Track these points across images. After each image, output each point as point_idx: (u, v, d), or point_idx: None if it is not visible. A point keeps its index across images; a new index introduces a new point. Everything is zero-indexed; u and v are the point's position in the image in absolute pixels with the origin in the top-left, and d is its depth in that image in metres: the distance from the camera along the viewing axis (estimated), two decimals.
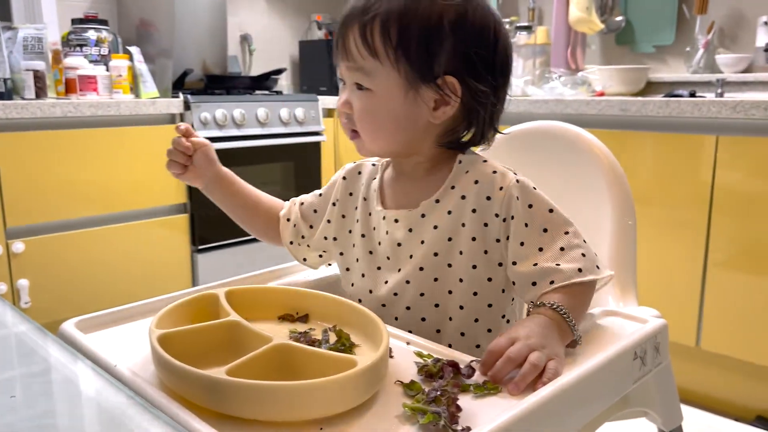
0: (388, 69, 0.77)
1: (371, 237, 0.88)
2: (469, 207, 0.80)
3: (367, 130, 0.81)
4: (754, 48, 2.25)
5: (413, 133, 0.81)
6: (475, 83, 0.78)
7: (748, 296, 1.70)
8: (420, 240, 0.82)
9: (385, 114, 0.79)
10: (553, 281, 0.74)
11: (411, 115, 0.79)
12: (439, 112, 0.79)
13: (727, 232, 1.72)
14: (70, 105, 1.98)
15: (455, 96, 0.78)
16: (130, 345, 0.72)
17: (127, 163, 2.12)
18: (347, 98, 0.81)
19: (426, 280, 0.82)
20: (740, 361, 1.75)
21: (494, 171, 0.80)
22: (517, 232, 0.77)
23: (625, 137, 1.88)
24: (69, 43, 2.29)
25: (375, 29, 0.76)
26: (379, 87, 0.78)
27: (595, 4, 2.49)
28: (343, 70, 0.81)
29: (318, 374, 0.58)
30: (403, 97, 0.78)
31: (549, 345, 0.67)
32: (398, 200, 0.86)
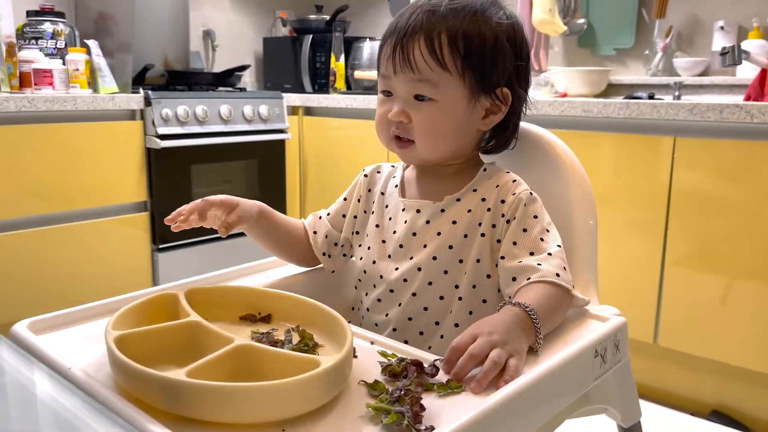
0: (455, 79, 0.82)
1: (385, 227, 0.93)
2: (486, 207, 0.86)
3: (428, 139, 0.85)
4: (710, 52, 2.31)
5: (466, 139, 0.88)
6: (521, 92, 0.87)
7: (703, 294, 1.74)
8: (437, 231, 0.87)
9: (447, 123, 0.84)
10: (530, 277, 0.79)
11: (468, 122, 0.85)
12: (488, 120, 0.87)
13: (684, 231, 1.76)
14: (24, 99, 1.92)
15: (505, 105, 0.86)
16: (85, 347, 0.70)
17: (85, 159, 2.07)
18: (402, 108, 0.84)
19: (437, 271, 0.86)
20: (696, 357, 1.80)
21: (514, 180, 0.87)
22: (514, 233, 0.83)
23: (586, 138, 1.91)
24: (24, 36, 2.23)
25: (444, 43, 0.81)
26: (444, 97, 0.82)
27: (558, 6, 2.52)
28: (401, 82, 0.84)
29: (281, 375, 0.57)
30: (465, 105, 0.84)
31: (511, 341, 0.68)
32: (421, 191, 0.92)
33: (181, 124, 2.26)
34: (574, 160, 0.96)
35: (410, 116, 0.84)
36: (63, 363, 0.64)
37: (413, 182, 0.94)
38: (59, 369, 0.63)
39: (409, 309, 0.88)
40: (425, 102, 0.83)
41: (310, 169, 2.73)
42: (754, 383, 1.73)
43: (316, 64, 2.87)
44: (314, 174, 2.72)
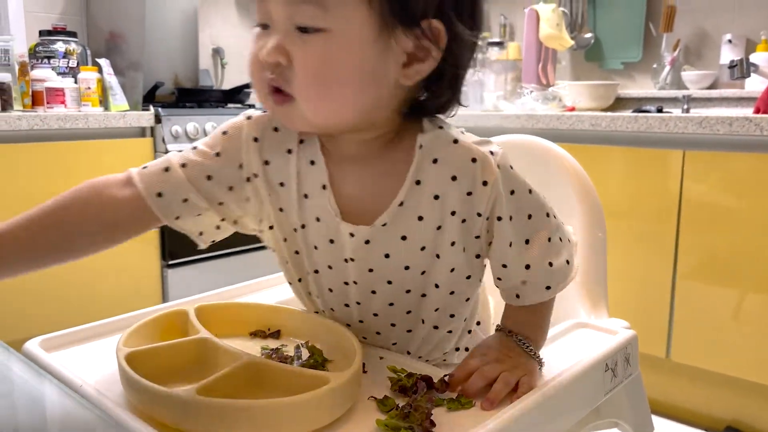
0: (356, 1, 0.56)
1: (313, 230, 0.69)
2: (448, 209, 0.64)
3: (317, 89, 0.58)
4: (718, 65, 2.31)
5: (377, 97, 0.60)
6: (463, 29, 0.60)
7: (716, 307, 1.73)
8: (383, 253, 0.67)
9: (346, 65, 0.57)
10: (549, 286, 0.68)
11: (378, 69, 0.58)
12: (412, 69, 0.60)
13: (695, 244, 1.75)
14: (37, 118, 1.94)
15: (437, 48, 0.59)
16: (96, 364, 0.71)
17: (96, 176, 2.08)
18: (279, 43, 0.57)
19: (396, 293, 0.70)
20: (709, 372, 1.78)
21: (473, 159, 0.63)
22: (504, 230, 0.65)
23: (595, 151, 1.90)
24: (36, 55, 2.26)
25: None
26: (341, 26, 0.56)
27: (565, 21, 2.53)
28: (276, 5, 0.57)
29: (291, 391, 0.57)
30: (373, 42, 0.57)
31: (520, 364, 0.67)
32: (347, 194, 0.66)
33: (190, 141, 2.27)
34: (582, 173, 0.96)
35: (290, 55, 0.57)
36: (75, 380, 0.65)
37: (338, 165, 0.66)
38: (71, 386, 0.64)
39: (373, 325, 0.73)
40: (311, 34, 0.56)
41: None
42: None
43: None
44: None
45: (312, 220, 0.67)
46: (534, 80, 2.54)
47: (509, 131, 1.69)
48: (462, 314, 0.75)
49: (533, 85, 2.51)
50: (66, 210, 0.66)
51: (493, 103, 2.44)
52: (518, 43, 2.65)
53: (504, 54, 2.58)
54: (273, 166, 0.68)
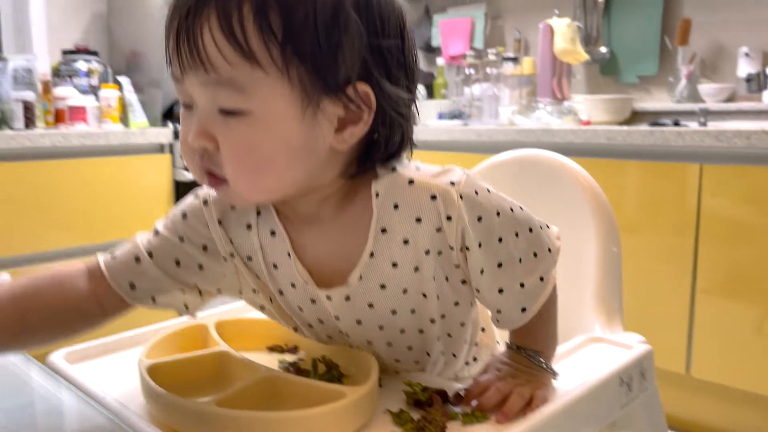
0: (273, 78, 0.53)
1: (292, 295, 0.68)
2: (420, 249, 0.63)
3: (245, 174, 0.56)
4: (735, 78, 2.30)
5: (311, 168, 0.58)
6: (392, 88, 0.58)
7: (737, 323, 1.71)
8: (366, 303, 0.65)
9: (273, 146, 0.55)
10: (525, 308, 0.66)
11: (309, 142, 0.56)
12: (346, 134, 0.58)
13: (714, 259, 1.73)
14: (59, 135, 1.98)
15: (368, 109, 0.57)
16: (118, 376, 0.72)
17: (116, 192, 2.12)
18: (203, 129, 0.55)
19: (390, 334, 0.70)
20: (731, 389, 1.76)
21: (433, 196, 0.61)
22: (475, 259, 0.64)
23: (611, 165, 1.90)
24: (59, 74, 2.31)
25: (247, 19, 0.52)
26: (262, 107, 0.54)
27: (580, 35, 2.54)
28: (194, 87, 0.55)
29: (308, 405, 0.58)
30: (299, 117, 0.55)
31: (534, 379, 0.68)
32: (314, 256, 0.65)
33: None
34: (595, 187, 0.96)
35: (216, 141, 0.55)
36: (97, 392, 0.66)
37: (299, 234, 0.65)
38: (94, 397, 0.65)
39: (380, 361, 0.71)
40: (234, 117, 0.54)
41: None
42: None
43: None
44: None
45: (288, 286, 0.67)
46: (549, 94, 2.54)
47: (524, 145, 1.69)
48: (461, 336, 0.74)
49: (548, 99, 2.52)
50: (29, 301, 0.64)
51: (508, 117, 2.45)
52: (533, 58, 2.66)
53: (518, 69, 2.59)
54: (237, 242, 0.67)
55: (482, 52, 2.75)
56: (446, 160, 0.84)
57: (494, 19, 2.89)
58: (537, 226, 0.67)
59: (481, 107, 2.62)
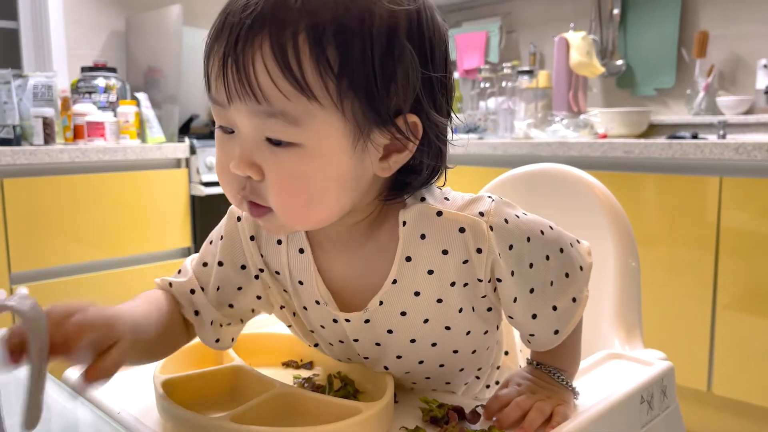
0: (328, 112, 0.51)
1: (316, 312, 0.67)
2: (445, 281, 0.62)
3: (296, 206, 0.54)
4: (754, 90, 2.28)
5: (355, 195, 0.57)
6: (438, 118, 0.57)
7: (759, 339, 1.68)
8: (386, 329, 0.64)
9: (325, 180, 0.54)
10: (557, 330, 0.65)
11: (357, 172, 0.55)
12: (391, 161, 0.57)
13: (736, 273, 1.71)
14: (77, 151, 2.00)
15: (415, 138, 0.56)
16: (133, 391, 0.72)
17: (133, 207, 2.14)
18: (248, 158, 0.53)
19: (409, 364, 0.68)
20: (753, 406, 1.72)
21: (461, 229, 0.59)
22: (508, 288, 0.62)
23: (628, 179, 1.89)
24: (78, 91, 2.34)
25: (303, 50, 0.50)
26: (315, 140, 0.52)
27: (596, 48, 2.53)
28: (242, 116, 0.53)
29: (322, 420, 0.57)
30: (351, 150, 0.53)
31: (554, 395, 0.67)
32: (338, 279, 0.64)
33: None
34: (613, 201, 0.95)
35: (262, 170, 0.53)
36: (112, 407, 0.66)
37: (324, 254, 0.65)
38: (109, 413, 0.65)
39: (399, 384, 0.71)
40: (285, 148, 0.52)
41: None
42: None
43: None
44: None
45: (312, 303, 0.66)
46: (565, 108, 2.54)
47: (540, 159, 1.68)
48: (488, 362, 0.75)
49: (564, 112, 2.51)
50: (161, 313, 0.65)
51: (524, 131, 2.44)
52: (548, 71, 2.65)
53: (534, 82, 2.59)
54: (267, 258, 0.67)
55: (497, 65, 2.75)
56: (461, 174, 0.83)
57: (509, 33, 2.89)
58: (567, 245, 0.66)
59: (497, 121, 2.61)
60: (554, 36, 2.58)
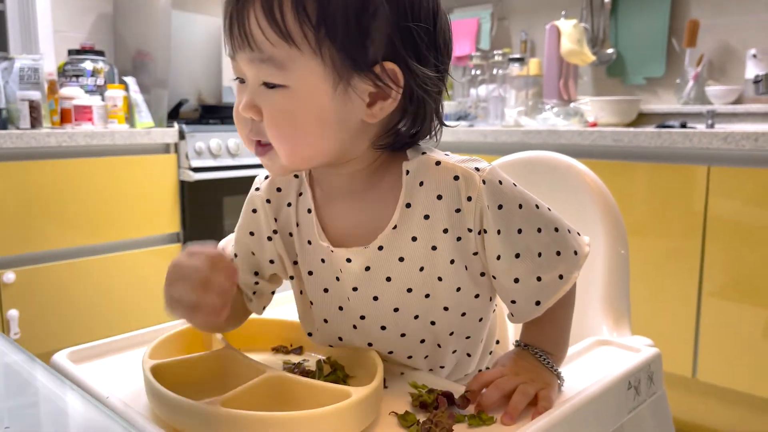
0: (308, 57, 0.59)
1: (321, 272, 0.72)
2: (439, 227, 0.66)
3: (284, 140, 0.62)
4: (743, 80, 2.29)
5: (344, 138, 0.64)
6: (419, 68, 0.62)
7: (744, 326, 1.70)
8: (384, 277, 0.68)
9: (307, 116, 0.61)
10: (539, 301, 0.67)
11: (341, 114, 0.62)
12: (376, 109, 0.63)
13: (722, 261, 1.72)
14: (65, 135, 1.98)
15: (396, 86, 0.62)
16: (122, 376, 0.72)
17: (121, 192, 2.12)
18: (250, 100, 0.63)
19: (404, 321, 0.71)
20: (737, 392, 1.75)
21: (456, 177, 0.65)
22: (492, 244, 0.66)
23: (617, 167, 1.89)
24: (65, 74, 2.31)
25: (285, 4, 0.58)
26: (298, 82, 0.60)
27: (587, 36, 2.53)
28: (244, 64, 0.63)
29: (312, 405, 0.58)
30: (331, 92, 0.61)
31: (538, 377, 0.67)
32: (345, 229, 0.70)
33: (213, 157, 2.30)
34: (603, 189, 0.96)
35: (260, 110, 0.63)
36: (101, 392, 0.66)
37: (328, 206, 0.71)
38: (98, 397, 0.65)
39: (392, 361, 0.75)
40: (275, 90, 0.61)
41: None
42: None
43: None
44: None
45: (318, 263, 0.72)
46: (555, 96, 2.54)
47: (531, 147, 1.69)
48: (478, 335, 0.76)
49: (555, 100, 2.51)
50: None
51: (515, 118, 2.44)
52: (539, 59, 2.65)
53: (525, 70, 2.59)
54: (281, 221, 0.74)
55: (488, 53, 2.74)
56: None
57: (500, 20, 2.88)
58: (564, 229, 0.69)
59: (487, 108, 2.61)
60: (546, 24, 2.57)
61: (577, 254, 0.69)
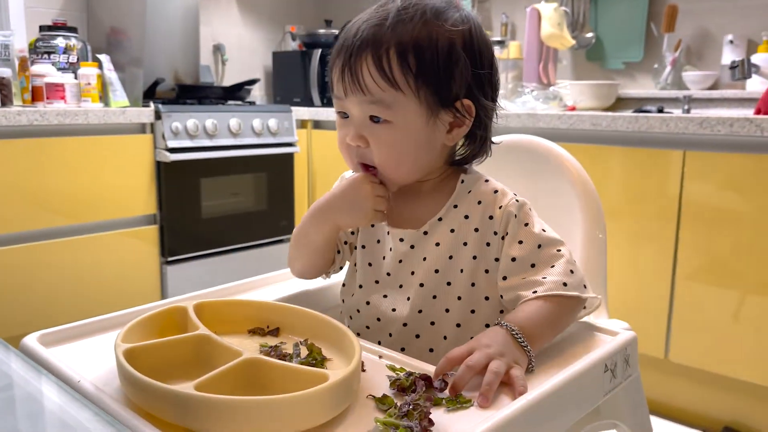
0: (409, 99, 0.76)
1: (372, 249, 0.88)
2: (472, 226, 0.82)
3: (390, 164, 0.80)
4: (719, 66, 2.31)
5: (431, 158, 0.82)
6: (485, 101, 0.81)
7: (715, 309, 1.73)
8: (422, 257, 0.83)
9: (407, 144, 0.79)
10: (536, 291, 0.76)
11: (430, 141, 0.80)
12: (454, 134, 0.81)
13: (695, 245, 1.75)
14: (36, 113, 1.94)
15: (470, 117, 0.80)
16: (94, 360, 0.71)
17: (96, 172, 2.08)
18: (358, 132, 0.79)
19: (425, 298, 0.83)
20: (708, 373, 1.78)
21: (495, 191, 0.82)
22: (511, 248, 0.79)
23: (595, 151, 1.90)
24: (36, 51, 2.26)
25: (393, 60, 0.75)
26: (400, 118, 0.77)
27: (567, 20, 2.53)
28: (353, 104, 0.78)
29: (289, 389, 0.57)
30: (424, 124, 0.78)
31: (508, 353, 0.68)
32: (403, 217, 0.86)
33: (190, 138, 2.27)
34: (583, 173, 0.96)
35: (367, 140, 0.79)
36: (72, 375, 0.65)
37: (395, 200, 0.87)
38: (69, 381, 0.64)
39: (401, 338, 0.85)
40: (381, 124, 0.78)
41: (318, 183, 2.74)
42: (766, 399, 1.71)
43: (324, 78, 2.88)
44: (322, 188, 2.73)
45: (372, 242, 0.89)
46: (535, 79, 2.54)
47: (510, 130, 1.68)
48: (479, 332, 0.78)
49: (534, 84, 2.51)
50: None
51: None
52: (519, 42, 2.65)
53: (505, 53, 2.58)
54: None
55: None
56: None
57: (481, 3, 2.87)
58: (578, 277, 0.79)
59: None
60: (526, 7, 2.56)
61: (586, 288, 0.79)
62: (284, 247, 2.65)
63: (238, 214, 2.47)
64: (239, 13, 3.17)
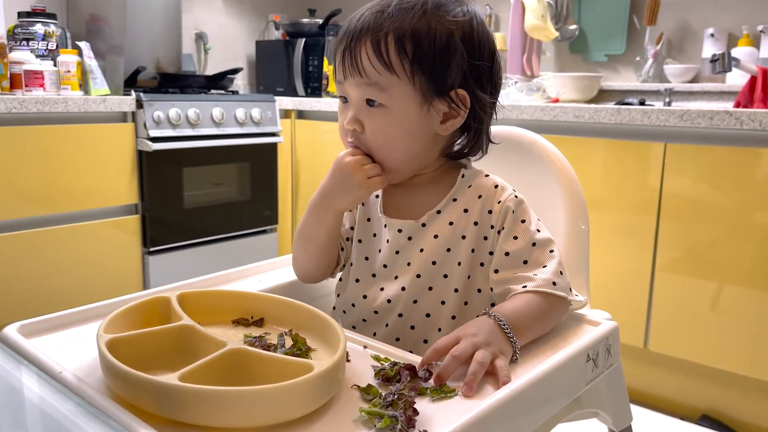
0: (404, 83, 0.77)
1: (368, 243, 0.89)
2: (472, 220, 0.83)
3: (384, 149, 0.81)
4: (700, 59, 2.33)
5: (423, 146, 0.82)
6: (482, 94, 0.81)
7: (693, 299, 1.75)
8: (419, 248, 0.84)
9: (400, 129, 0.79)
10: (526, 285, 0.78)
11: (423, 128, 0.80)
12: (448, 124, 0.81)
13: (674, 236, 1.77)
14: (15, 101, 1.91)
15: (464, 108, 0.80)
16: (76, 350, 0.70)
17: (76, 161, 2.06)
18: (355, 115, 0.80)
19: (421, 289, 0.84)
20: (686, 362, 1.81)
21: (495, 185, 0.83)
22: (505, 243, 0.81)
23: (578, 143, 1.92)
24: (15, 37, 2.22)
25: (390, 44, 0.77)
26: (394, 102, 0.78)
27: (550, 12, 2.54)
28: (352, 87, 0.80)
29: (273, 379, 0.57)
30: (418, 110, 0.79)
31: (494, 342, 0.68)
32: (401, 209, 0.87)
33: (172, 127, 2.25)
34: (566, 165, 0.96)
35: (363, 124, 0.80)
36: (54, 366, 0.64)
37: (393, 193, 0.89)
38: (50, 372, 0.63)
39: (396, 329, 0.85)
40: (376, 108, 0.79)
41: (301, 173, 2.73)
42: (743, 388, 1.74)
43: (308, 68, 2.87)
44: (306, 178, 2.72)
45: (369, 236, 0.90)
46: (518, 71, 2.54)
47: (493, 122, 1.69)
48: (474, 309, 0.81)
49: (518, 75, 2.52)
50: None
51: None
52: (503, 34, 2.65)
53: None
54: None
55: None
56: None
57: None
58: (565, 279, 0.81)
59: None
60: None
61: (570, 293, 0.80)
62: (268, 238, 2.64)
63: (221, 204, 2.46)
64: (222, 2, 3.13)
